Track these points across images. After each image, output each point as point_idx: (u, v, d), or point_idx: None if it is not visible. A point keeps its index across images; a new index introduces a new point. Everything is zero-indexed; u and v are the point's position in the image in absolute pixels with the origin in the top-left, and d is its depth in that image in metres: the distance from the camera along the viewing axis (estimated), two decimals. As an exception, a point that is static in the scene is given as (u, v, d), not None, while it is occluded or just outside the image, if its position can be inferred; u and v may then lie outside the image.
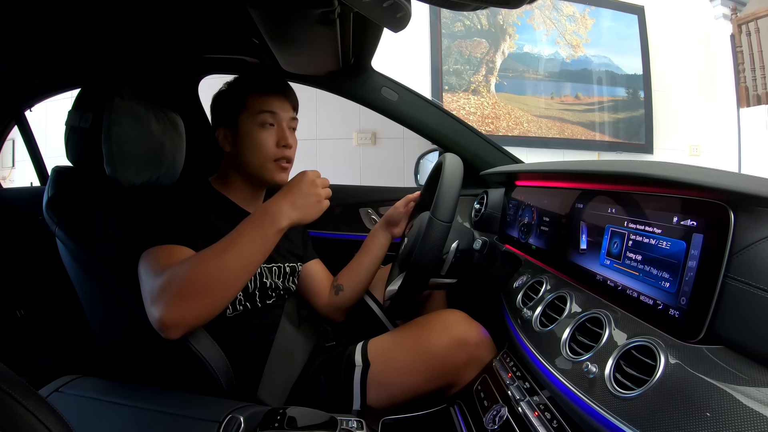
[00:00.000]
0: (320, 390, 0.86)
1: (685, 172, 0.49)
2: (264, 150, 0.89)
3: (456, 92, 3.36)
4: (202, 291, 0.67)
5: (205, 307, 0.68)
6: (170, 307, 0.65)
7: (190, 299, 0.66)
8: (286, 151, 0.90)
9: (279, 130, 0.90)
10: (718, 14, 3.85)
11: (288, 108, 0.92)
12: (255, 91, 0.90)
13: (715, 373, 0.40)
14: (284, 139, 0.90)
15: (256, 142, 0.89)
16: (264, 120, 0.89)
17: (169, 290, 0.66)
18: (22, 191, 1.71)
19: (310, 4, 0.65)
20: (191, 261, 0.69)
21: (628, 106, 3.69)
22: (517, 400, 0.66)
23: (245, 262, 0.70)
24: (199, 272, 0.67)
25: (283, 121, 0.91)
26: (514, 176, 1.06)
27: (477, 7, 0.57)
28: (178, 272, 0.67)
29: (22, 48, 0.97)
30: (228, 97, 0.93)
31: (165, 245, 0.74)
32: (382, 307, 1.10)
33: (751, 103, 3.72)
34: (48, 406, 0.32)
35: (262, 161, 0.89)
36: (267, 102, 0.89)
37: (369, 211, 1.42)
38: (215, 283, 0.68)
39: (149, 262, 0.72)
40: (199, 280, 0.67)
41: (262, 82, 0.92)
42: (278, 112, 0.90)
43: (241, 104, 0.90)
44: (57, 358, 1.44)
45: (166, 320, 0.65)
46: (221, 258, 0.69)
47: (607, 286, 0.60)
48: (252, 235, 0.72)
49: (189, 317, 0.67)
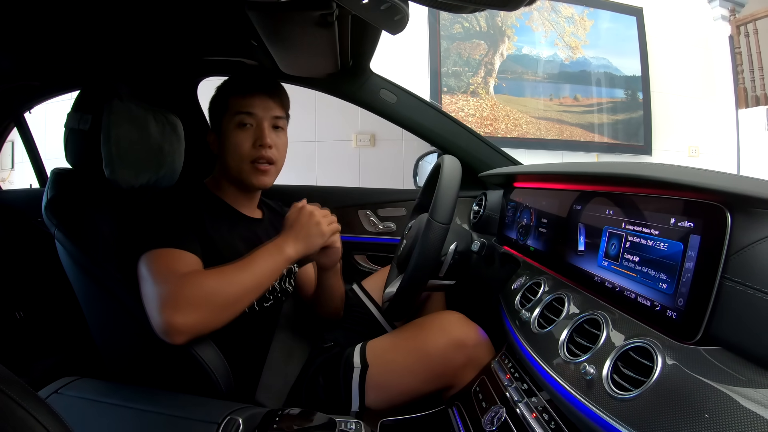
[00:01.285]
0: (319, 391, 0.86)
1: (682, 173, 0.49)
2: (239, 151, 0.87)
3: (455, 94, 3.36)
4: (216, 302, 0.70)
5: (216, 317, 0.71)
6: (183, 314, 0.67)
7: (203, 309, 0.69)
8: (262, 150, 0.88)
9: (257, 130, 0.88)
10: (717, 15, 3.85)
11: (271, 106, 0.90)
12: (236, 93, 0.89)
13: (712, 374, 0.40)
14: (260, 139, 0.87)
15: (233, 144, 0.88)
16: (241, 120, 0.88)
17: (184, 298, 0.68)
18: (22, 193, 1.71)
19: (309, 6, 0.66)
20: (210, 273, 0.73)
21: (627, 107, 3.70)
22: (515, 401, 0.67)
23: (257, 282, 0.75)
24: (216, 285, 0.71)
25: (263, 120, 0.88)
26: (512, 178, 1.06)
27: (475, 9, 0.57)
28: (195, 282, 0.70)
29: (22, 49, 0.98)
30: (215, 101, 0.93)
31: (166, 249, 0.74)
32: (381, 309, 1.10)
33: (750, 104, 3.72)
34: (47, 408, 0.32)
35: (238, 163, 0.88)
36: (246, 102, 0.88)
37: (368, 213, 1.42)
38: (230, 296, 0.72)
39: (152, 266, 0.72)
40: (216, 293, 0.70)
41: (245, 83, 0.91)
42: (256, 112, 0.88)
43: (224, 107, 0.90)
44: (56, 360, 1.43)
45: (177, 326, 0.67)
46: (237, 275, 0.73)
47: (604, 288, 0.60)
48: (265, 260, 0.77)
49: (199, 326, 0.69)
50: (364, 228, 1.41)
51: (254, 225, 0.95)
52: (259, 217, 0.98)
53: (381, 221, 1.42)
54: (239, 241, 0.88)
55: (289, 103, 0.95)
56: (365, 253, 1.43)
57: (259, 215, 0.99)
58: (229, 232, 0.88)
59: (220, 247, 0.84)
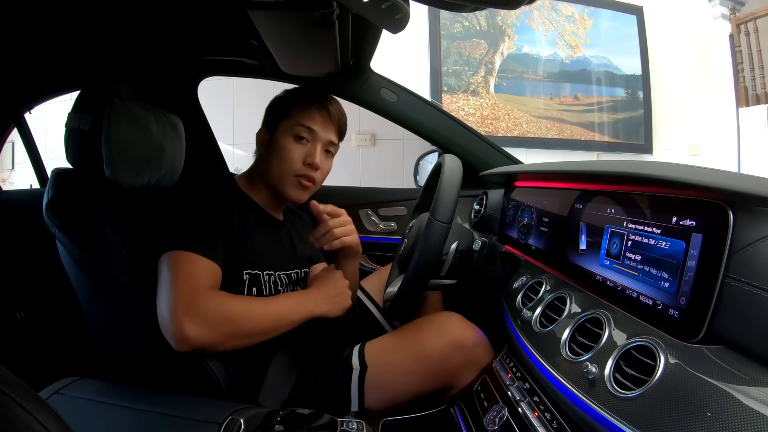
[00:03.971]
0: (318, 393, 0.86)
1: (684, 172, 0.49)
2: (288, 161, 0.88)
3: (455, 93, 3.36)
4: (233, 329, 0.74)
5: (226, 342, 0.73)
6: (197, 327, 0.70)
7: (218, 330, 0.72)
8: (311, 170, 0.89)
9: (311, 148, 0.89)
10: (717, 14, 3.85)
11: (330, 130, 0.91)
12: (301, 103, 0.90)
13: (714, 372, 0.40)
14: (311, 157, 0.88)
15: (284, 152, 0.88)
16: (299, 132, 0.88)
17: (203, 312, 0.71)
18: (22, 193, 1.71)
19: (309, 5, 0.66)
20: (236, 299, 0.77)
21: (628, 106, 3.69)
22: (517, 400, 0.66)
23: (275, 326, 0.79)
24: (239, 313, 0.75)
25: (318, 140, 0.89)
26: (513, 177, 1.06)
27: (475, 8, 0.57)
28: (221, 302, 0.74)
29: (22, 50, 0.98)
30: (279, 103, 0.93)
31: (190, 254, 0.75)
32: (380, 309, 1.10)
33: (750, 102, 3.71)
34: (48, 408, 0.32)
35: (285, 172, 0.88)
36: (308, 116, 0.89)
37: (368, 213, 1.42)
38: (246, 329, 0.75)
39: (174, 269, 0.73)
40: (236, 320, 0.74)
41: (312, 96, 0.91)
42: (316, 130, 0.88)
43: (285, 111, 0.90)
44: (57, 360, 1.43)
45: (187, 336, 0.69)
46: (260, 311, 0.77)
47: (606, 287, 0.60)
48: (289, 307, 0.81)
49: (208, 343, 0.71)
50: (365, 227, 1.41)
51: (277, 227, 0.96)
52: (282, 220, 0.99)
53: (382, 221, 1.42)
54: (262, 243, 0.89)
55: (345, 133, 0.97)
56: (366, 253, 1.43)
57: (282, 218, 1.00)
58: (255, 232, 0.88)
59: (243, 246, 0.84)
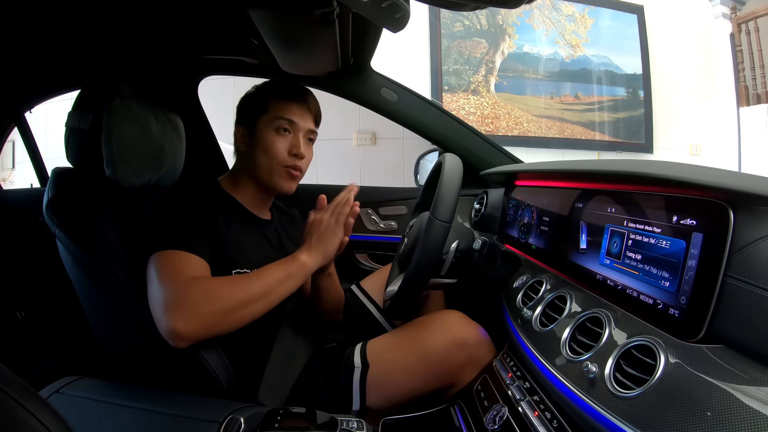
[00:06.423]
0: (319, 391, 0.86)
1: (684, 171, 0.49)
2: (275, 155, 0.89)
3: (456, 92, 3.36)
4: (220, 308, 0.70)
5: (219, 324, 0.71)
6: (186, 320, 0.67)
7: (206, 315, 0.69)
8: (297, 160, 0.91)
9: (294, 139, 0.90)
10: (718, 13, 3.85)
11: (308, 119, 0.93)
12: (278, 96, 0.91)
13: (715, 372, 0.40)
14: (296, 148, 0.90)
15: (269, 146, 0.89)
16: (280, 125, 0.89)
17: (188, 303, 0.68)
18: (22, 192, 1.71)
19: (309, 4, 0.66)
20: (217, 279, 0.74)
21: (628, 105, 3.69)
22: (517, 399, 0.66)
23: (266, 290, 0.75)
24: (222, 291, 0.71)
25: (300, 130, 0.91)
26: (513, 176, 1.06)
27: (476, 7, 0.57)
28: (201, 287, 0.71)
29: (22, 49, 0.98)
30: (253, 99, 0.94)
31: (175, 251, 0.75)
32: (381, 309, 1.10)
33: (751, 102, 3.71)
34: (48, 407, 0.32)
35: (272, 165, 0.90)
36: (287, 109, 0.90)
37: (369, 212, 1.42)
38: (234, 302, 0.72)
39: (160, 268, 0.73)
40: (220, 298, 0.71)
41: (287, 89, 0.93)
42: (296, 121, 0.90)
43: (262, 107, 0.91)
44: (57, 360, 1.44)
45: (180, 332, 0.67)
46: (245, 283, 0.74)
47: (606, 286, 0.60)
48: (276, 269, 0.78)
49: (201, 332, 0.69)
50: (366, 227, 1.41)
51: (263, 226, 0.96)
52: (269, 219, 0.99)
53: (382, 220, 1.42)
54: (248, 242, 0.89)
55: (321, 119, 0.98)
56: (366, 252, 1.43)
57: (269, 216, 1.00)
58: (240, 232, 0.88)
59: (228, 247, 0.84)
